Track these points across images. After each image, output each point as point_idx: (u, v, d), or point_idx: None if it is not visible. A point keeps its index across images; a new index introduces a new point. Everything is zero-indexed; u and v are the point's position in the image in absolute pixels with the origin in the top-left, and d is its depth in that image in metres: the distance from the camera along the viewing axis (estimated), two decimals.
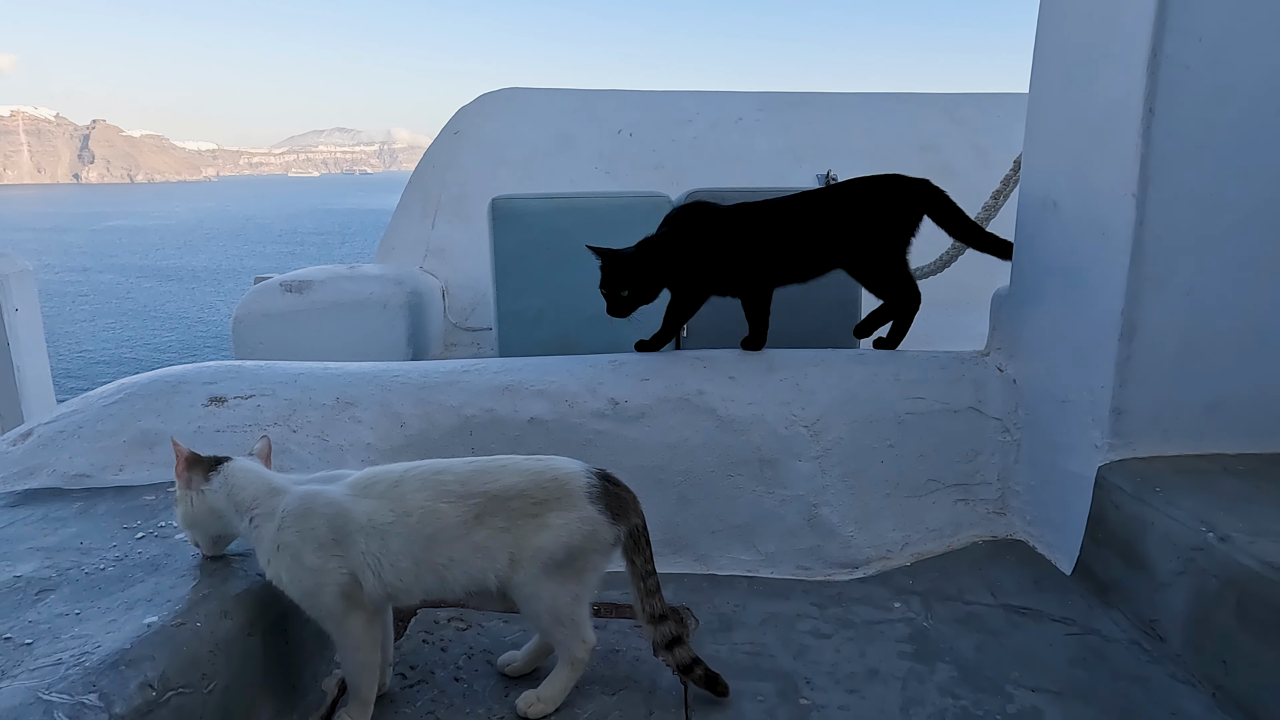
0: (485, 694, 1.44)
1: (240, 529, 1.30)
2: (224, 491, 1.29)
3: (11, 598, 1.27)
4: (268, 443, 1.43)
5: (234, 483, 1.29)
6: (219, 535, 1.35)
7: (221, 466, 1.32)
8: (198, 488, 1.30)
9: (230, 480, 1.30)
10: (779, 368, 2.03)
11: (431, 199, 4.20)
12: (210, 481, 1.30)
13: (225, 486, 1.29)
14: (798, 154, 4.32)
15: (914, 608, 1.73)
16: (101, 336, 22.25)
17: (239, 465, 1.33)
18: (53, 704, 1.01)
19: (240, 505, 1.29)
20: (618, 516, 1.34)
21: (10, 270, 3.47)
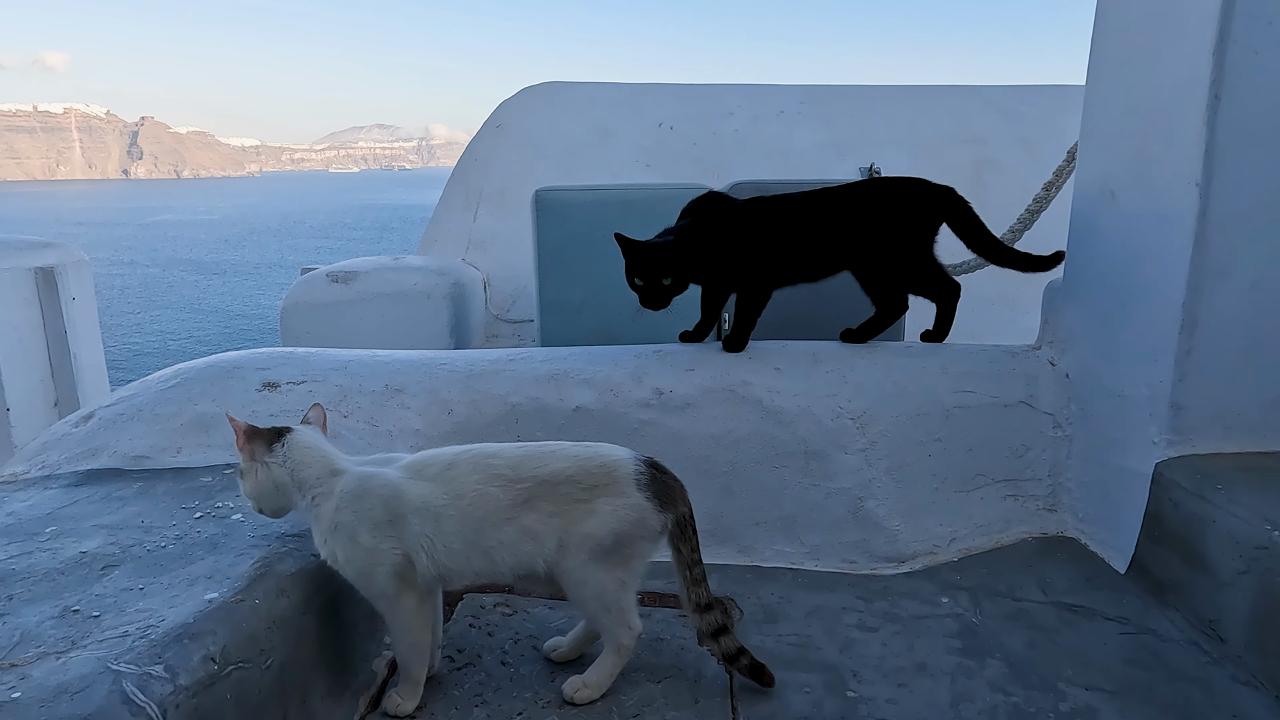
0: (531, 678, 1.46)
1: (299, 505, 1.33)
2: (287, 467, 1.31)
3: (78, 572, 1.31)
4: (321, 411, 1.44)
5: (296, 459, 1.31)
6: (281, 507, 1.36)
7: (284, 438, 1.33)
8: (261, 459, 1.31)
9: (292, 456, 1.31)
10: (825, 360, 2.01)
11: (473, 192, 4.23)
12: (274, 453, 1.31)
13: (288, 462, 1.31)
14: (840, 147, 4.28)
15: (962, 603, 1.70)
16: (147, 329, 22.84)
17: (301, 441, 1.33)
18: (121, 674, 1.03)
19: (302, 483, 1.30)
20: (665, 504, 1.35)
21: (67, 261, 3.57)
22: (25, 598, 1.23)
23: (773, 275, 2.06)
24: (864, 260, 2.07)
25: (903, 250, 2.06)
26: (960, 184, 4.21)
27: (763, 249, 2.01)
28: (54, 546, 1.40)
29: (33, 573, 1.31)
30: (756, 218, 2.02)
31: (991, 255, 2.11)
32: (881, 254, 2.06)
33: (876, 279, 2.10)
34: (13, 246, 3.49)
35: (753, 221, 2.02)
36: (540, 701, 1.39)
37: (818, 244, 2.05)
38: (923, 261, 2.08)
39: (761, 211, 2.03)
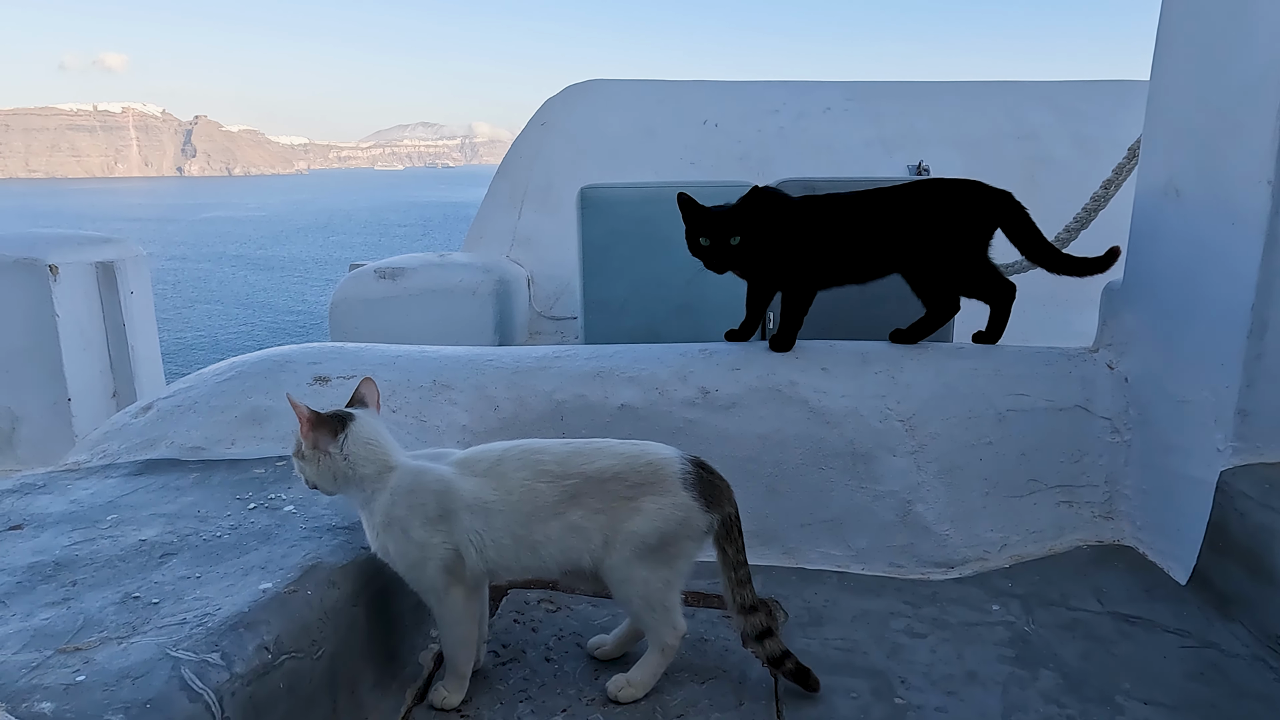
0: (575, 675, 1.46)
1: (352, 496, 1.33)
2: (348, 462, 1.30)
3: (138, 559, 1.34)
4: (374, 386, 1.40)
5: (356, 455, 1.30)
6: (337, 491, 1.35)
7: (346, 430, 1.31)
8: (325, 449, 1.30)
9: (352, 452, 1.30)
10: (874, 360, 1.98)
11: (518, 189, 4.26)
12: (339, 445, 1.30)
13: (349, 458, 1.30)
14: (888, 144, 4.22)
15: (1014, 611, 1.66)
16: (197, 323, 23.45)
17: (360, 435, 1.31)
18: (180, 660, 1.06)
19: (360, 479, 1.31)
20: (711, 504, 1.34)
21: (126, 256, 3.68)
22: (89, 583, 1.27)
23: (822, 275, 2.02)
24: (916, 263, 2.02)
25: (956, 254, 2.01)
26: (1012, 182, 4.11)
27: (814, 248, 1.98)
28: (115, 534, 1.44)
29: (95, 559, 1.34)
30: (809, 215, 1.99)
31: (1047, 263, 2.04)
32: (934, 258, 2.01)
33: (928, 281, 2.05)
34: (75, 242, 3.60)
35: (805, 219, 1.98)
36: (584, 699, 1.39)
37: (870, 245, 2.01)
38: (977, 264, 2.03)
39: (814, 209, 2.00)
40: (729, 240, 1.90)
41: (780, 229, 1.96)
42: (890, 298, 2.72)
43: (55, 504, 1.57)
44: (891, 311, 2.66)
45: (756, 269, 2.01)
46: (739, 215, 1.90)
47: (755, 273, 2.02)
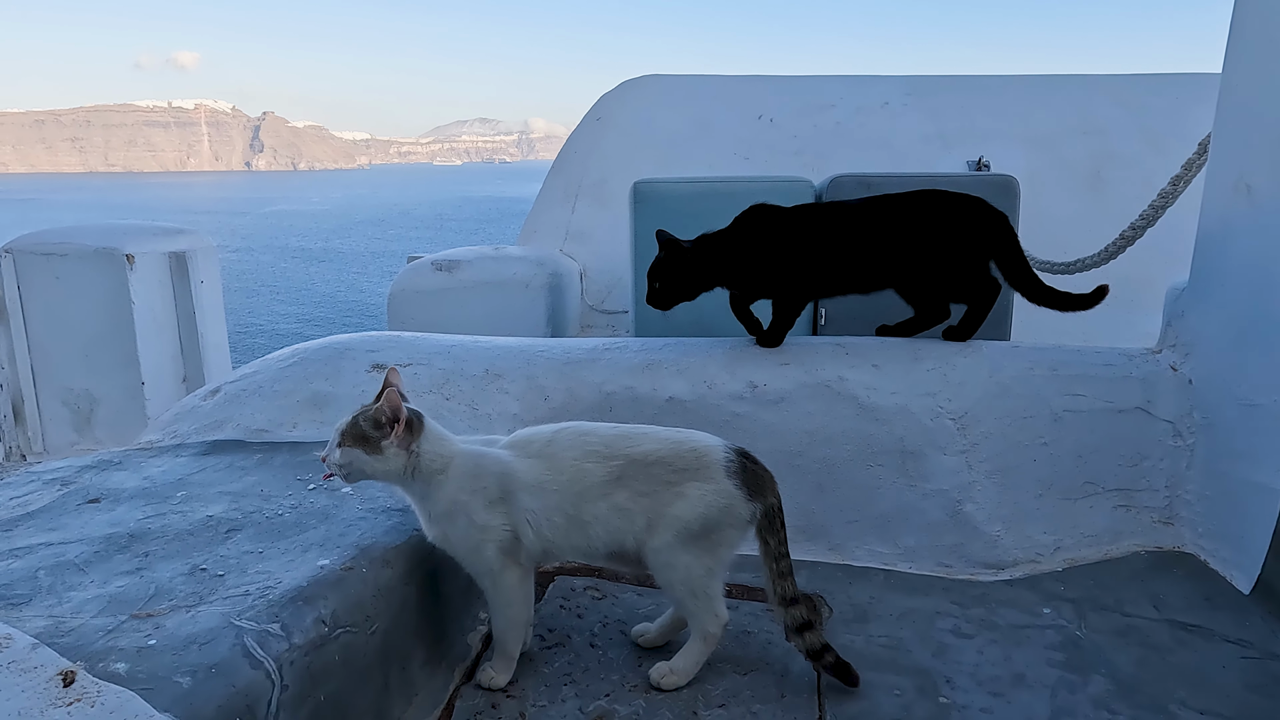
0: (619, 661, 1.48)
1: (404, 486, 1.36)
2: (421, 460, 1.32)
3: (205, 534, 1.41)
4: (398, 375, 1.39)
5: (428, 452, 1.32)
6: (375, 479, 1.36)
7: (424, 428, 1.33)
8: (405, 446, 1.31)
9: (426, 449, 1.32)
10: (925, 357, 1.96)
11: (572, 184, 4.30)
12: (418, 443, 1.32)
13: (423, 456, 1.31)
14: (948, 140, 4.13)
15: (1065, 615, 1.63)
16: (258, 312, 24.18)
17: (433, 432, 1.34)
18: (243, 630, 1.11)
19: (426, 473, 1.32)
20: (754, 493, 1.35)
21: (198, 246, 3.83)
22: (160, 555, 1.34)
23: (815, 286, 2.02)
24: (915, 276, 1.99)
25: (958, 271, 1.97)
26: (1078, 179, 4.02)
27: (801, 261, 1.97)
28: (184, 510, 1.51)
29: (166, 532, 1.41)
30: (802, 226, 1.98)
31: (1029, 293, 1.98)
32: (935, 273, 1.98)
33: (923, 292, 2.02)
34: (150, 233, 3.77)
35: (798, 230, 1.97)
36: (627, 685, 1.41)
37: (860, 258, 1.98)
38: (976, 277, 1.98)
39: (808, 220, 1.99)
40: (654, 285, 1.94)
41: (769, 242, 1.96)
42: None
43: (130, 480, 1.66)
44: None
45: (743, 284, 2.01)
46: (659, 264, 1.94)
47: (739, 285, 2.02)
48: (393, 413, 1.30)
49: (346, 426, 1.32)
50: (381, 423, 1.31)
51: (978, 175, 2.81)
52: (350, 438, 1.31)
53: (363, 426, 1.31)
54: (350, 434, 1.31)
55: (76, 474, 1.70)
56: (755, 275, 1.97)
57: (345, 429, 1.32)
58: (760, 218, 2.00)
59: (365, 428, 1.31)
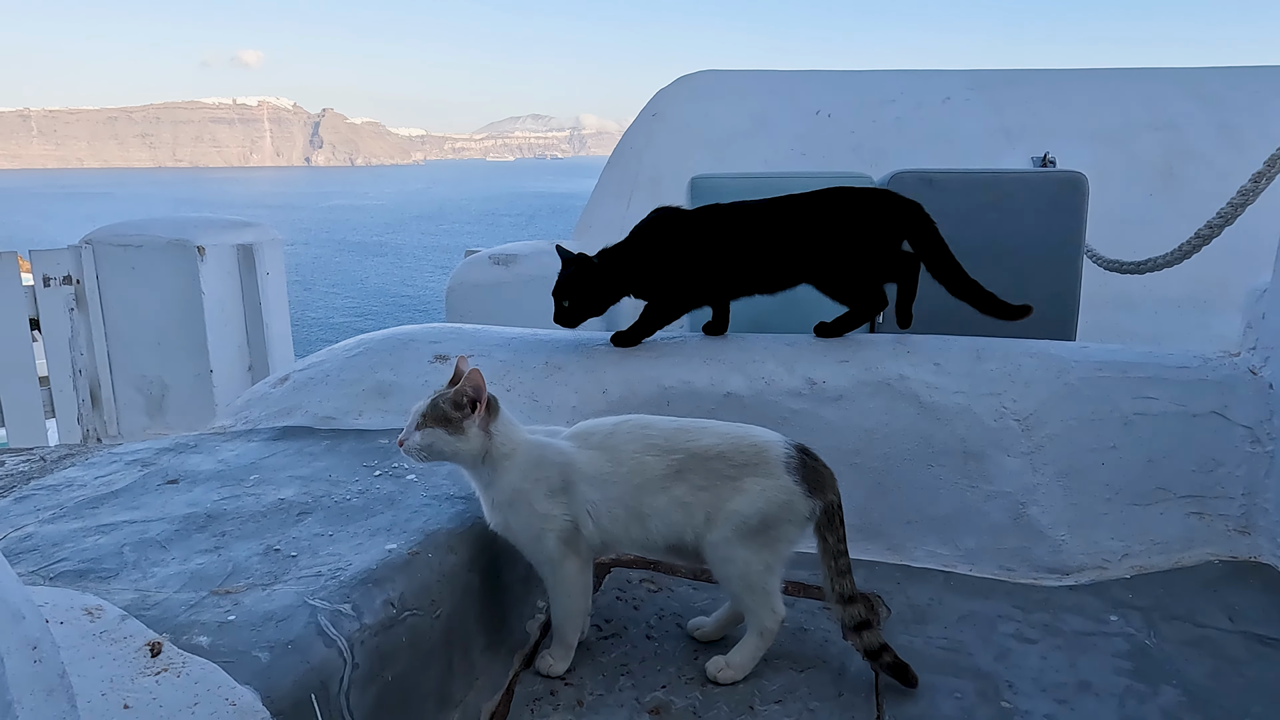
0: (675, 654, 1.49)
1: (473, 470, 1.38)
2: (495, 442, 1.34)
3: (278, 516, 1.46)
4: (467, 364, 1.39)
5: (502, 435, 1.35)
6: (449, 461, 1.38)
7: (498, 416, 1.36)
8: (485, 428, 1.34)
9: (500, 433, 1.35)
10: (989, 357, 1.92)
11: (628, 179, 4.31)
12: (494, 426, 1.34)
13: (496, 438, 1.34)
14: (1011, 135, 4.04)
15: (1134, 623, 1.59)
16: (314, 305, 24.81)
17: (506, 418, 1.37)
18: (316, 609, 1.15)
19: (496, 457, 1.35)
20: (814, 490, 1.35)
21: (264, 239, 3.94)
22: (236, 535, 1.39)
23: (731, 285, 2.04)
24: (824, 274, 1.98)
25: (861, 264, 1.95)
26: (1149, 175, 3.89)
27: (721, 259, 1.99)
28: (257, 492, 1.56)
29: (240, 514, 1.47)
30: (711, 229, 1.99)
31: (953, 286, 1.94)
32: (842, 269, 1.97)
33: (841, 288, 2.01)
34: (219, 225, 3.90)
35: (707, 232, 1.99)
36: (683, 677, 1.42)
37: (768, 257, 1.99)
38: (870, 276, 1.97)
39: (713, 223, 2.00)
40: (562, 303, 1.96)
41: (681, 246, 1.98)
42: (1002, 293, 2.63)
43: (205, 463, 1.72)
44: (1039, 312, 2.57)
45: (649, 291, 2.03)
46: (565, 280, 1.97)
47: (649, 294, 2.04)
48: (474, 392, 1.32)
49: (426, 409, 1.32)
50: (462, 403, 1.32)
51: (1043, 172, 2.74)
52: (432, 419, 1.32)
53: (443, 407, 1.32)
54: (431, 415, 1.32)
55: (155, 456, 1.77)
56: (659, 280, 2.01)
57: (425, 411, 1.32)
58: (662, 222, 2.02)
59: (446, 408, 1.32)
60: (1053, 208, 2.62)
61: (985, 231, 2.65)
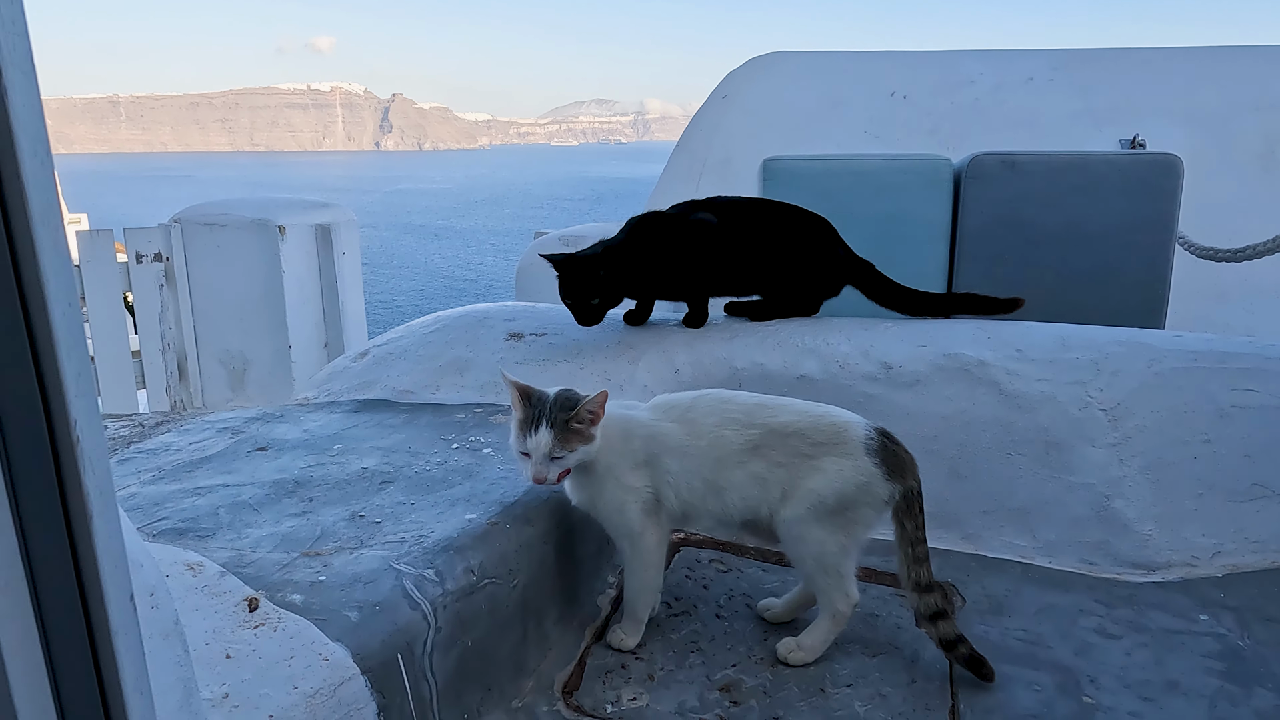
0: (745, 634, 1.49)
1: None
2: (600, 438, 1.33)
3: (361, 484, 1.50)
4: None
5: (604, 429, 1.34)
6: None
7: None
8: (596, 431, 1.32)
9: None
10: (1075, 345, 1.86)
11: (697, 162, 4.29)
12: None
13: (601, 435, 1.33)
14: (1098, 117, 3.88)
15: (1226, 623, 1.52)
16: (380, 286, 25.39)
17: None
18: (401, 573, 1.19)
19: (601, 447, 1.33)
20: (894, 474, 1.33)
21: (340, 219, 4.05)
22: (322, 501, 1.44)
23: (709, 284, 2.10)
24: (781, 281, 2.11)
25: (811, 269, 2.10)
26: (1248, 159, 3.70)
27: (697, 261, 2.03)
28: (341, 461, 1.61)
29: (326, 481, 1.52)
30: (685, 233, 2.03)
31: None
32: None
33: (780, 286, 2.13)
34: (299, 206, 4.02)
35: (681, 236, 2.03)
36: (753, 657, 1.42)
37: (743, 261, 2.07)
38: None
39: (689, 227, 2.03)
40: (589, 302, 1.95)
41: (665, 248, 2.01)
42: (1088, 280, 2.54)
43: (291, 432, 1.79)
44: (1091, 294, 2.49)
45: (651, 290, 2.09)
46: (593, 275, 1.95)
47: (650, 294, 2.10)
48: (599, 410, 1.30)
49: (555, 438, 1.28)
50: (585, 419, 1.30)
51: (1134, 154, 2.63)
52: (573, 440, 1.29)
53: (577, 426, 1.29)
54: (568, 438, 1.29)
55: (244, 424, 1.85)
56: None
57: (555, 439, 1.28)
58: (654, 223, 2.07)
59: (580, 426, 1.30)
60: (1144, 192, 2.52)
61: (1070, 217, 2.56)
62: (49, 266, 0.35)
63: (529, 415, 1.30)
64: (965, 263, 2.63)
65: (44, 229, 0.35)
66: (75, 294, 0.37)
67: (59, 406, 0.37)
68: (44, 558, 0.39)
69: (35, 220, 0.35)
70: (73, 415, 0.37)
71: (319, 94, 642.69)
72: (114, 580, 0.42)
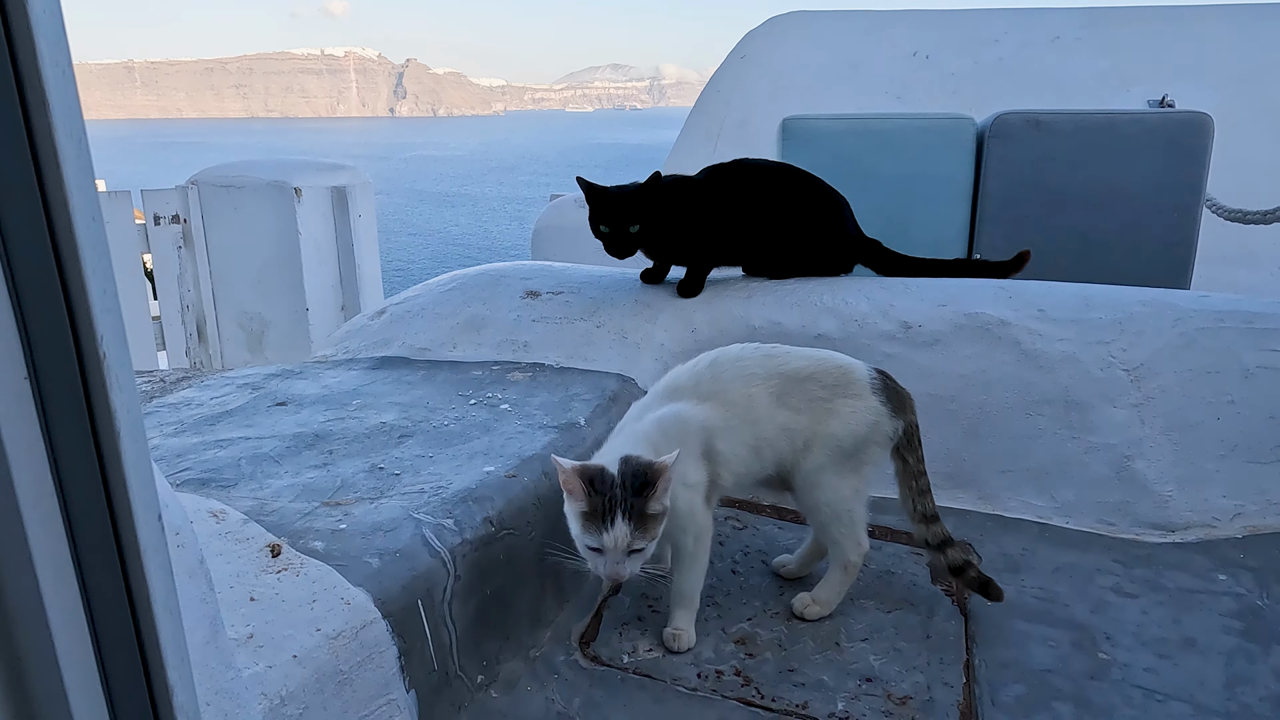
0: (761, 589, 1.50)
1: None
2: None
3: (380, 438, 1.51)
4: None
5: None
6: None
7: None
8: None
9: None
10: (1099, 305, 1.83)
11: (714, 123, 4.24)
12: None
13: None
14: (1126, 78, 3.79)
15: (1245, 583, 1.52)
16: (395, 252, 25.38)
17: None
18: (421, 522, 1.20)
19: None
20: (897, 411, 1.35)
21: (356, 182, 4.04)
22: (342, 453, 1.45)
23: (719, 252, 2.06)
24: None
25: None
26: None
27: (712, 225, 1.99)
28: (360, 416, 1.63)
29: (345, 434, 1.53)
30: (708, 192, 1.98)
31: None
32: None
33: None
34: (315, 168, 4.01)
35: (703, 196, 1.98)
36: (769, 611, 1.43)
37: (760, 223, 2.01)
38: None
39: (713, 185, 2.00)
40: (628, 229, 1.90)
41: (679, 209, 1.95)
42: (1113, 243, 2.50)
43: (310, 388, 1.80)
44: (1115, 258, 2.45)
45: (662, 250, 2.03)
46: (639, 201, 1.90)
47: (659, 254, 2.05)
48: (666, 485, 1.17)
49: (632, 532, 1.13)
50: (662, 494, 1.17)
51: (1163, 112, 2.56)
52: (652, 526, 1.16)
53: (655, 509, 1.16)
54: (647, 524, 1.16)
55: (264, 380, 1.86)
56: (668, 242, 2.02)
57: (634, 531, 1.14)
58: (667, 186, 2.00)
59: (658, 508, 1.17)
60: (1172, 151, 2.46)
61: (1096, 177, 2.51)
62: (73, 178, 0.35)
63: (596, 506, 1.14)
64: (987, 225, 2.59)
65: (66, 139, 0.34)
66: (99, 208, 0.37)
67: (85, 322, 0.37)
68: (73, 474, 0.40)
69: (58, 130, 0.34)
70: (99, 331, 0.37)
71: (333, 59, 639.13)
72: (142, 500, 0.42)
